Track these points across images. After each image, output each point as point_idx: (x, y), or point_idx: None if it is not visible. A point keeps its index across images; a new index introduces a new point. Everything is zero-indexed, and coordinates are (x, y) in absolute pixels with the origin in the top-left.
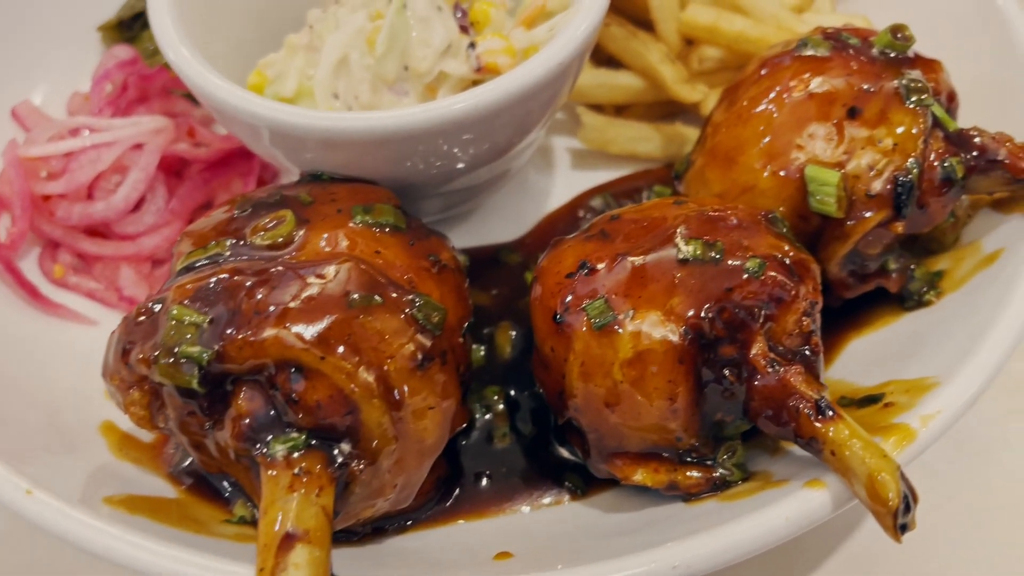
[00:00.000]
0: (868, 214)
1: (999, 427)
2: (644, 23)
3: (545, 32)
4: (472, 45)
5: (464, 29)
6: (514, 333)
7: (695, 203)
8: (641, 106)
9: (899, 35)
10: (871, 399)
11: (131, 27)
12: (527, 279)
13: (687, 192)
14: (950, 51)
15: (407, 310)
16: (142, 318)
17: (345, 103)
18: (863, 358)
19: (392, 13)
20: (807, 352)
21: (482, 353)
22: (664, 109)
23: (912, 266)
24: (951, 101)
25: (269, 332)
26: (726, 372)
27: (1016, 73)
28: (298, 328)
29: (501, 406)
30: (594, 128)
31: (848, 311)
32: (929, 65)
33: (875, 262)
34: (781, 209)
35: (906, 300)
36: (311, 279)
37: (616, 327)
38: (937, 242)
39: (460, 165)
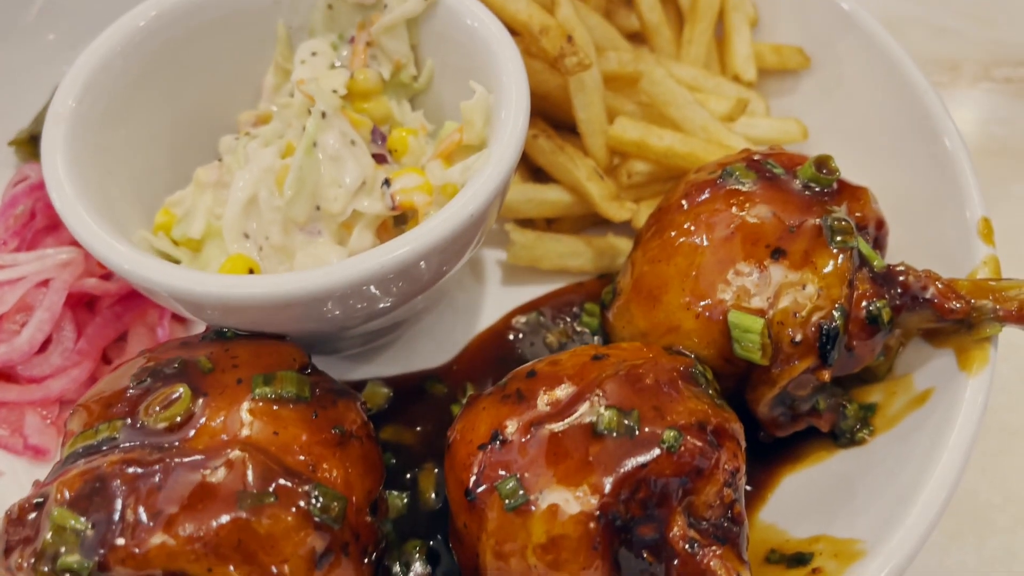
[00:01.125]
0: (794, 362)
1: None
2: (572, 129)
3: (460, 173)
4: (387, 182)
5: (382, 158)
6: (439, 471)
7: (614, 355)
8: (572, 217)
9: (824, 169)
10: (800, 559)
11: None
12: (454, 412)
13: (614, 324)
14: (881, 152)
15: (303, 503)
16: (25, 516)
17: (256, 243)
18: (796, 498)
19: (300, 154)
20: (729, 525)
21: (404, 501)
22: (596, 218)
23: (844, 403)
24: (879, 228)
25: (154, 541)
26: (645, 554)
27: (947, 181)
28: (186, 536)
29: (420, 566)
30: (523, 246)
31: (782, 444)
32: (855, 194)
33: (805, 402)
34: (705, 352)
35: (839, 437)
36: (201, 477)
37: (530, 507)
38: (870, 371)
39: (374, 312)
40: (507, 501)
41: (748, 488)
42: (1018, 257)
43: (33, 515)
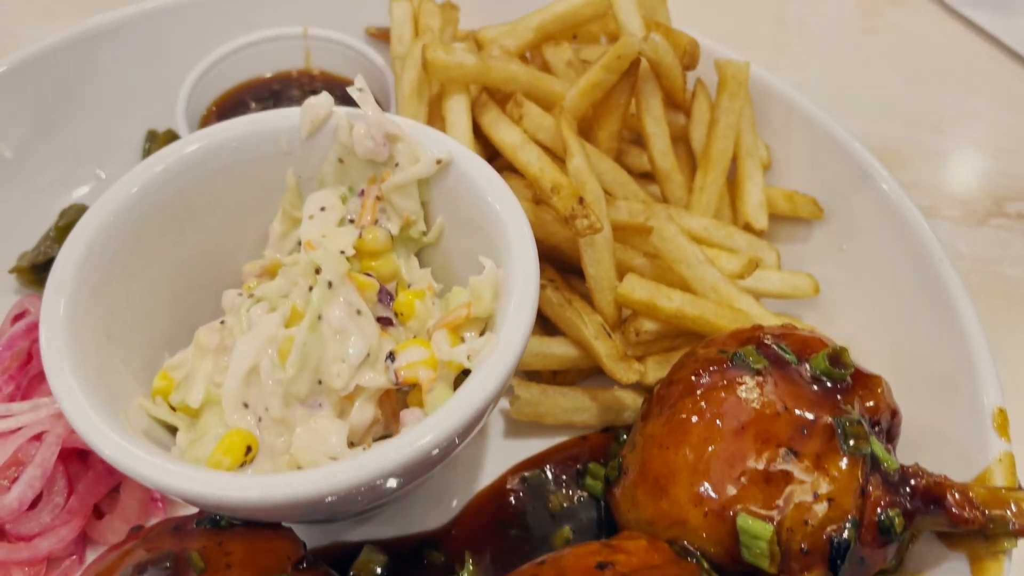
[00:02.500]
0: (803, 573)
1: None
2: (580, 273)
3: (467, 357)
4: (391, 356)
5: (387, 320)
6: None
7: (620, 564)
8: (577, 370)
9: (838, 364)
10: None
11: (45, 269)
12: None
13: (619, 503)
14: (894, 316)
15: None
16: None
17: (255, 413)
18: None
19: (305, 331)
20: None
21: None
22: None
23: None
24: (893, 417)
25: None
26: None
27: (962, 360)
28: None
29: None
30: (528, 402)
31: None
32: (868, 383)
33: None
34: (713, 549)
35: None
36: None
37: None
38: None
39: (377, 498)
40: None
41: None
42: None
43: None
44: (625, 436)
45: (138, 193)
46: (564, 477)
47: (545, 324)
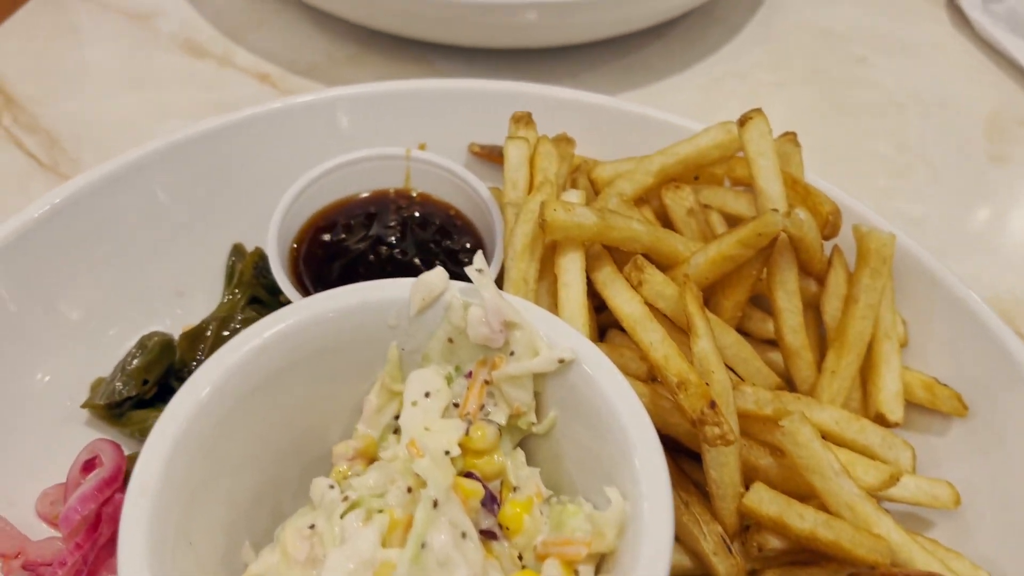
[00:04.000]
0: None
1: None
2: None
3: None
4: None
5: (491, 534)
6: None
7: None
8: None
9: None
10: None
11: (120, 406)
12: None
13: None
14: None
15: None
16: None
17: None
18: None
19: (408, 561)
20: None
21: None
22: None
23: None
24: None
25: None
26: None
27: None
28: None
29: None
30: None
31: None
32: None
33: None
34: None
35: None
36: None
37: None
38: None
39: None
40: None
41: None
42: None
43: None
44: None
45: (227, 378)
46: None
47: None
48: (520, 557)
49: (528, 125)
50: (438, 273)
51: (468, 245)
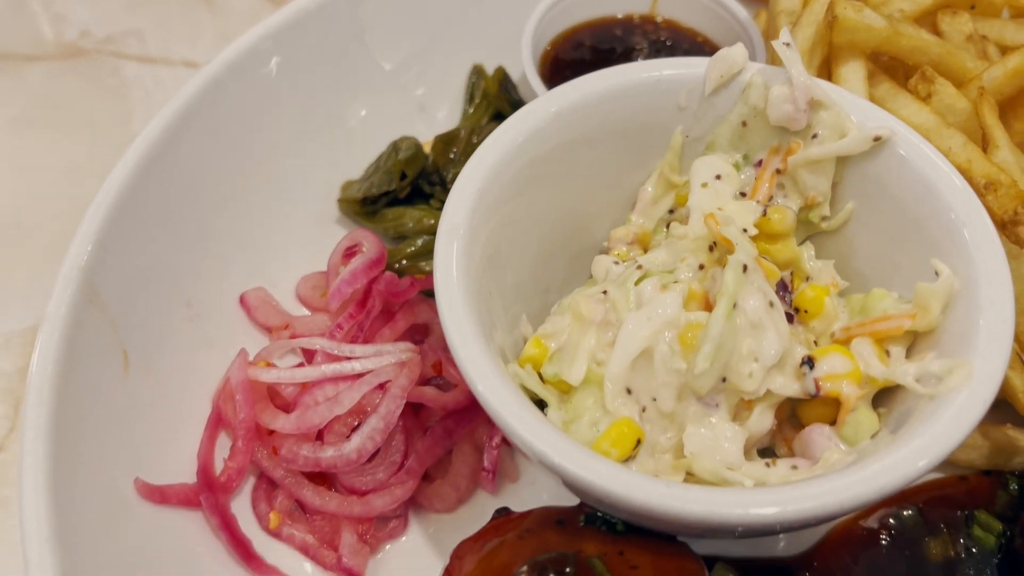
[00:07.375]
0: None
1: None
2: None
3: (914, 377)
4: (809, 361)
5: (788, 317)
6: None
7: None
8: None
9: None
10: None
11: (375, 202)
12: None
13: None
14: None
15: None
16: None
17: (638, 402)
18: None
19: (721, 320)
20: None
21: None
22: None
23: None
24: None
25: None
26: None
27: None
28: None
29: None
30: None
31: None
32: None
33: None
34: None
35: None
36: None
37: None
38: None
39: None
40: None
41: None
42: None
43: None
44: (1015, 484)
45: (522, 141)
46: (944, 521)
47: None
48: (815, 343)
49: None
50: (738, 49)
51: None
